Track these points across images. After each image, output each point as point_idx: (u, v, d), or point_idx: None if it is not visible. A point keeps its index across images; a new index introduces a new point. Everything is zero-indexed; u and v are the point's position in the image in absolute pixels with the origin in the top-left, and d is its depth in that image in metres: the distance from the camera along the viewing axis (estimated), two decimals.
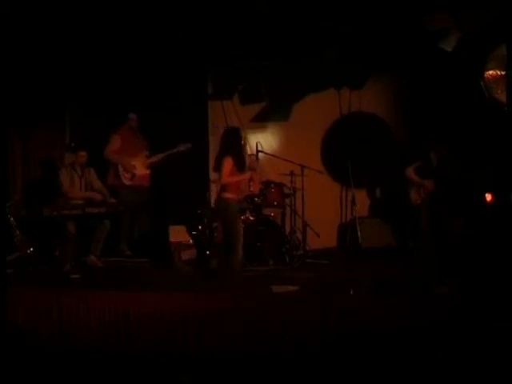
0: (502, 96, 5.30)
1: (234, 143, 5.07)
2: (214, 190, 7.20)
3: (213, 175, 7.23)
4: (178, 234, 5.97)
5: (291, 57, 6.72)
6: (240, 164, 5.02)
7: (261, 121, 7.32)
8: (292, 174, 6.45)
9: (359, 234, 6.74)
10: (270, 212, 6.56)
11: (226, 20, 5.84)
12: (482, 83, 5.47)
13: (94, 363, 4.21)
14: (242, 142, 5.17)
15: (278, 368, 4.07)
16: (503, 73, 5.25)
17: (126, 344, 4.44)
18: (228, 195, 4.96)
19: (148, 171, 6.66)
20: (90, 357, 4.29)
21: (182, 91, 7.21)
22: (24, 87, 6.49)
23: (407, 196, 5.78)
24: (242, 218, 5.65)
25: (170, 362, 4.20)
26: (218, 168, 5.05)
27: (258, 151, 6.64)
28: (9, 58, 5.41)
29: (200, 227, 6.04)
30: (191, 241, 5.97)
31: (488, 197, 5.86)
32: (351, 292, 4.58)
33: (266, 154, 6.77)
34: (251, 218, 6.08)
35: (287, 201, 6.69)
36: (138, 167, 6.55)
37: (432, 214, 5.48)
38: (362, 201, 7.18)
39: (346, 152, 7.11)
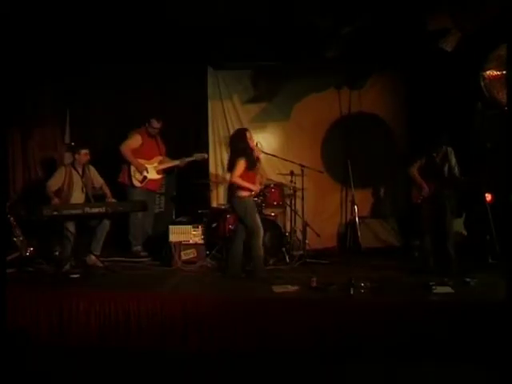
0: (501, 96, 5.30)
1: (243, 145, 5.31)
2: (214, 189, 7.26)
3: (213, 175, 7.32)
4: (178, 233, 5.96)
5: (291, 57, 6.73)
6: (252, 163, 5.32)
7: (261, 121, 7.31)
8: (292, 174, 6.44)
9: (359, 233, 6.75)
10: (270, 212, 6.58)
11: (227, 20, 5.84)
12: (482, 83, 5.47)
13: (94, 363, 4.21)
14: (250, 141, 5.36)
15: (277, 368, 4.07)
16: (503, 73, 5.25)
17: (125, 344, 4.44)
18: (243, 193, 5.29)
19: (159, 176, 6.64)
20: (90, 357, 4.29)
21: (182, 91, 7.21)
22: (24, 87, 6.49)
23: (409, 194, 5.79)
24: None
25: (169, 362, 4.20)
26: (230, 169, 5.33)
27: None
28: (9, 57, 5.40)
29: (200, 227, 6.03)
30: (191, 241, 5.96)
31: (488, 197, 5.87)
32: (351, 292, 4.58)
33: (266, 153, 6.76)
34: None
35: (287, 201, 6.69)
36: (150, 171, 6.53)
37: (433, 213, 5.49)
38: (362, 201, 7.18)
39: (346, 152, 7.12)
